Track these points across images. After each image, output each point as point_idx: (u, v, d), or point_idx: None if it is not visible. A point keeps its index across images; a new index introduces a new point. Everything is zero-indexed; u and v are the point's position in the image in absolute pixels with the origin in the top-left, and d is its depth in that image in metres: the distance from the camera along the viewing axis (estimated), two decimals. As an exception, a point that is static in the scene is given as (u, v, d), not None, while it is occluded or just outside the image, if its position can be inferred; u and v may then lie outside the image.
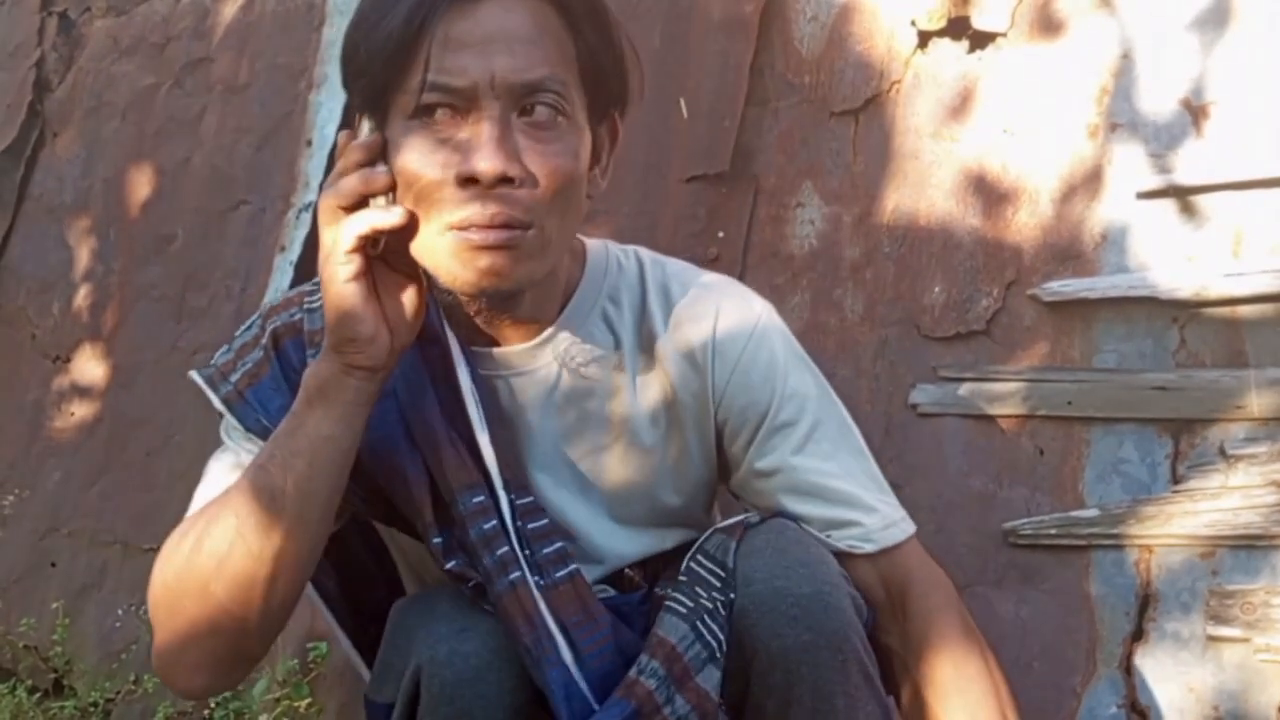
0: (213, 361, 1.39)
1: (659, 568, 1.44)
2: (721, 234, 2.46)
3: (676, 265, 1.47)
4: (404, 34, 1.15)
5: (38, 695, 3.12)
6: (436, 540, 1.30)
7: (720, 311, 1.40)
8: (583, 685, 1.23)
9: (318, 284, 1.26)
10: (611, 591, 1.42)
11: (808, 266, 2.40)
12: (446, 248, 1.19)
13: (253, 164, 3.29)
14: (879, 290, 2.32)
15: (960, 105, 2.30)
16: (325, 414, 1.20)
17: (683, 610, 1.24)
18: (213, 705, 2.76)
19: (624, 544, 1.43)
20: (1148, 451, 2.04)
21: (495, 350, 1.36)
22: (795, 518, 1.36)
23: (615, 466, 1.41)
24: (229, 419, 1.35)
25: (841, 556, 1.34)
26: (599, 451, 1.40)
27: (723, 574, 1.25)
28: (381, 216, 1.16)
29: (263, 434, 1.30)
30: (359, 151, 1.19)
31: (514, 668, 1.24)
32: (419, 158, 1.17)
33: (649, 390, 1.40)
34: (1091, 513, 2.04)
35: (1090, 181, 2.15)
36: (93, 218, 3.65)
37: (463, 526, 1.28)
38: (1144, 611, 2.00)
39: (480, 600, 1.28)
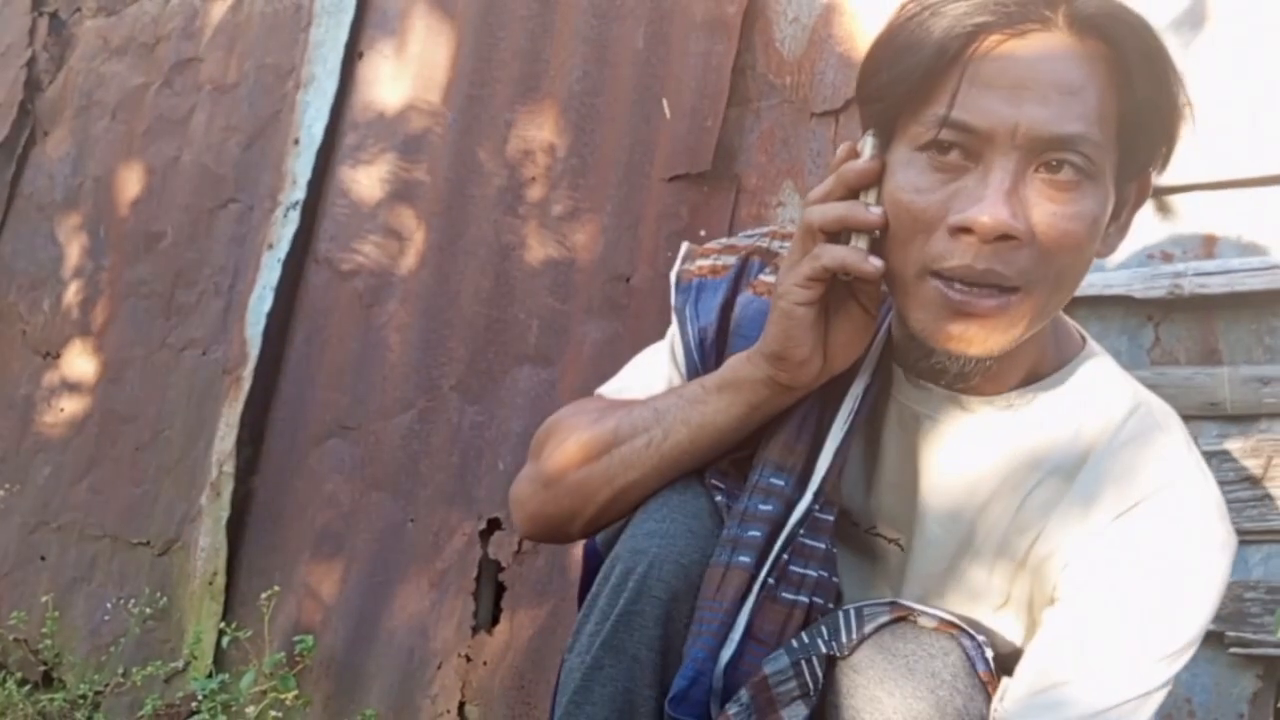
0: (707, 244, 1.42)
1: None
2: (703, 233, 2.48)
3: (1167, 440, 1.22)
4: (934, 62, 1.07)
5: (27, 687, 3.14)
6: (715, 480, 1.28)
7: (1157, 518, 1.16)
8: (713, 680, 1.19)
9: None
10: None
11: (788, 265, 2.41)
12: (922, 294, 1.10)
13: (241, 163, 3.31)
14: (858, 289, 2.33)
15: (939, 106, 2.31)
16: (727, 406, 1.23)
17: (794, 645, 1.18)
18: (201, 698, 2.77)
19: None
20: (1120, 448, 2.05)
21: (923, 384, 1.24)
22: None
23: (954, 560, 1.27)
24: (672, 291, 1.39)
25: None
26: (952, 538, 1.27)
27: (854, 634, 1.16)
28: (856, 262, 1.12)
29: (680, 320, 1.36)
30: (854, 176, 1.14)
31: (698, 546, 1.23)
32: (917, 193, 1.09)
33: (1030, 521, 1.23)
34: (1064, 508, 2.05)
35: (1065, 181, 2.16)
36: (83, 215, 3.68)
37: (744, 492, 1.26)
38: (1116, 605, 2.02)
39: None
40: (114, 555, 3.26)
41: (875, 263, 1.12)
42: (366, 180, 3.03)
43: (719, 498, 1.26)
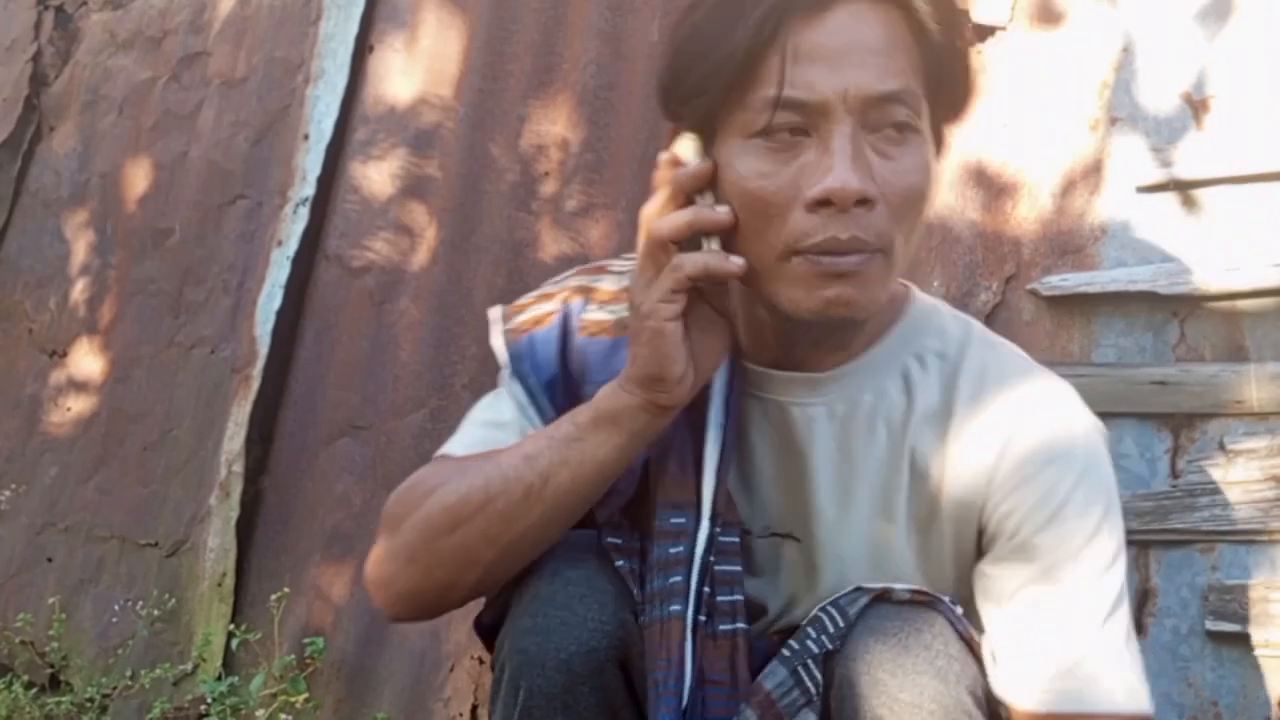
0: (517, 301, 1.39)
1: None
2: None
3: (1009, 351, 1.30)
4: (751, 48, 1.09)
5: (34, 690, 3.13)
6: (612, 539, 1.25)
7: (1034, 419, 1.22)
8: None
9: (631, 256, 1.23)
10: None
11: (806, 261, 2.40)
12: (789, 274, 1.12)
13: (250, 158, 3.29)
14: (878, 284, 2.31)
15: (960, 99, 2.29)
16: (607, 439, 1.19)
17: (787, 653, 1.18)
18: (210, 701, 2.76)
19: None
20: (1147, 446, 2.03)
21: (777, 373, 1.27)
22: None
23: (862, 534, 1.28)
24: (501, 355, 1.35)
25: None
26: (851, 513, 1.27)
27: (841, 625, 1.16)
28: (719, 264, 1.12)
29: (522, 379, 1.32)
30: (689, 180, 1.14)
31: (607, 606, 1.20)
32: (763, 178, 1.11)
33: (923, 469, 1.25)
34: (1091, 508, 2.03)
35: (1090, 175, 2.14)
36: (90, 212, 3.66)
37: (652, 541, 1.23)
38: (1143, 607, 2.00)
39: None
40: (122, 556, 3.24)
41: (737, 260, 1.13)
42: (377, 176, 3.01)
43: (620, 561, 1.24)
